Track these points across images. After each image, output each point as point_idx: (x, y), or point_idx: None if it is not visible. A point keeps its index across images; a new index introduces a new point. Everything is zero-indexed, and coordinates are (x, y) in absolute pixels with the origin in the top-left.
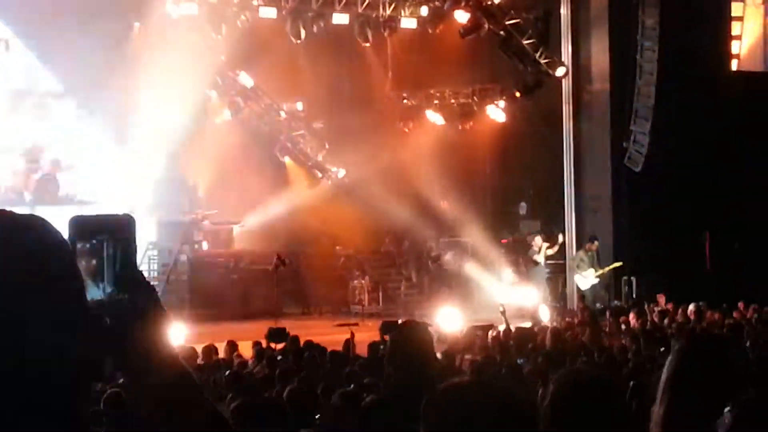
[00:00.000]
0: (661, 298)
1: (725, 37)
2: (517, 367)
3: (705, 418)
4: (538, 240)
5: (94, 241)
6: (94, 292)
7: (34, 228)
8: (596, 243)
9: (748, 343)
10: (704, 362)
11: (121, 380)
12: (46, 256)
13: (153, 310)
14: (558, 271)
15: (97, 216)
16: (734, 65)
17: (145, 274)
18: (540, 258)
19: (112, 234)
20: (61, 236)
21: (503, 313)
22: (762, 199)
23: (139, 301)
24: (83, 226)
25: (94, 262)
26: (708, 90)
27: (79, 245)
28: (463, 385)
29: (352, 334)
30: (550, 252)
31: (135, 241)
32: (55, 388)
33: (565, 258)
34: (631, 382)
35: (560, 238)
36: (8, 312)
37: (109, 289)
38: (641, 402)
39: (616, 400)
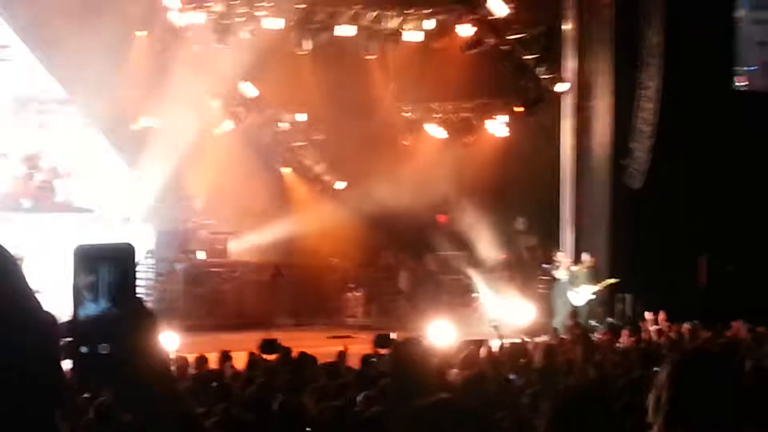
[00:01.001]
0: (661, 315)
1: (730, 56)
2: (508, 382)
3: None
4: (560, 256)
5: (97, 265)
6: (91, 308)
7: None
8: (591, 259)
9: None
10: (699, 376)
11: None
12: None
13: (147, 327)
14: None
15: (100, 245)
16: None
17: (142, 283)
18: (561, 275)
19: (112, 260)
20: (7, 253)
21: (496, 328)
22: (760, 219)
23: (133, 317)
24: (86, 253)
25: (93, 280)
26: (710, 109)
27: (81, 269)
28: (432, 405)
29: (346, 348)
30: (575, 269)
31: (134, 268)
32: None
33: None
34: (622, 400)
35: (585, 257)
36: None
37: (105, 305)
38: (634, 421)
39: (611, 419)
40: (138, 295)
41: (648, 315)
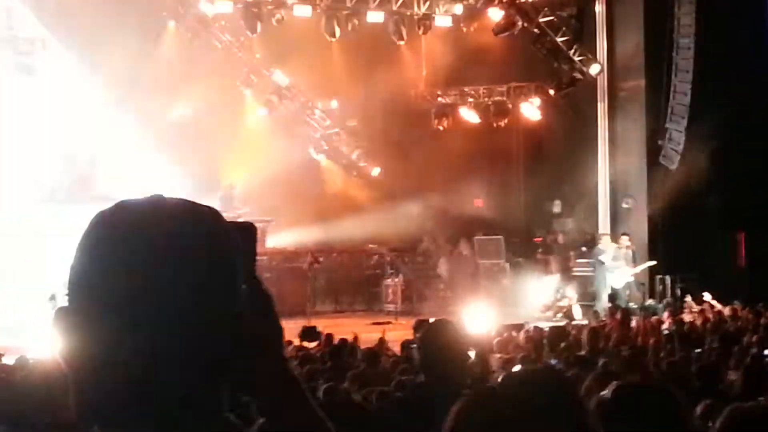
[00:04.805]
0: (706, 296)
1: (763, 35)
2: (548, 367)
3: None
4: (606, 240)
5: None
6: None
7: (217, 220)
8: (629, 240)
9: None
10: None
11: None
12: (227, 249)
13: (271, 304)
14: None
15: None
16: None
17: None
18: (606, 258)
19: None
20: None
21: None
22: None
23: (258, 294)
24: None
25: None
26: (745, 87)
27: None
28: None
29: (384, 332)
30: (614, 251)
31: (255, 249)
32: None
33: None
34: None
35: (624, 239)
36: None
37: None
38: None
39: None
40: (261, 279)
41: (698, 296)
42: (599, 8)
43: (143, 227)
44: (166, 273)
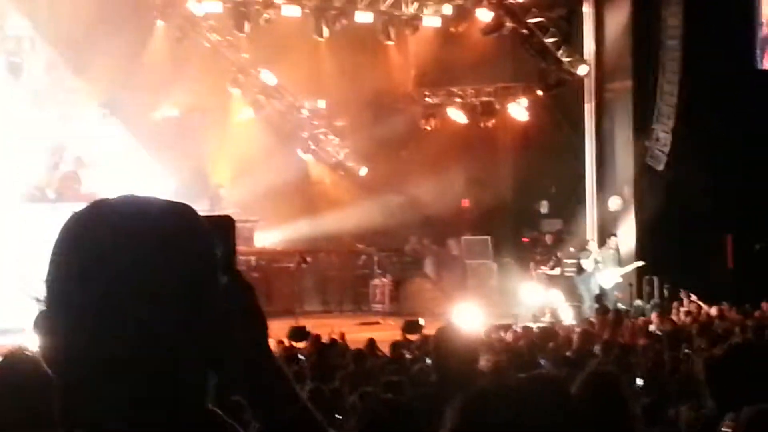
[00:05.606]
0: (692, 297)
1: (750, 36)
2: (537, 367)
3: None
4: (592, 245)
5: None
6: None
7: (191, 215)
8: (615, 241)
9: None
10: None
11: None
12: (203, 243)
13: (252, 296)
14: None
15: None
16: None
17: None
18: (587, 264)
19: (216, 231)
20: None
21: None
22: None
23: (238, 286)
24: None
25: None
26: (732, 89)
27: None
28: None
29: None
30: (601, 252)
31: (234, 242)
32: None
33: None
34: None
35: (611, 240)
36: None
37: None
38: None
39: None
40: (241, 273)
41: (683, 295)
42: (587, 9)
43: (118, 226)
44: (142, 270)
